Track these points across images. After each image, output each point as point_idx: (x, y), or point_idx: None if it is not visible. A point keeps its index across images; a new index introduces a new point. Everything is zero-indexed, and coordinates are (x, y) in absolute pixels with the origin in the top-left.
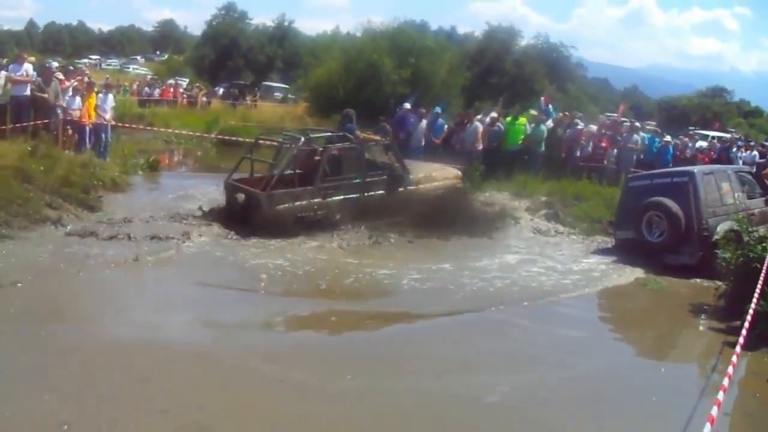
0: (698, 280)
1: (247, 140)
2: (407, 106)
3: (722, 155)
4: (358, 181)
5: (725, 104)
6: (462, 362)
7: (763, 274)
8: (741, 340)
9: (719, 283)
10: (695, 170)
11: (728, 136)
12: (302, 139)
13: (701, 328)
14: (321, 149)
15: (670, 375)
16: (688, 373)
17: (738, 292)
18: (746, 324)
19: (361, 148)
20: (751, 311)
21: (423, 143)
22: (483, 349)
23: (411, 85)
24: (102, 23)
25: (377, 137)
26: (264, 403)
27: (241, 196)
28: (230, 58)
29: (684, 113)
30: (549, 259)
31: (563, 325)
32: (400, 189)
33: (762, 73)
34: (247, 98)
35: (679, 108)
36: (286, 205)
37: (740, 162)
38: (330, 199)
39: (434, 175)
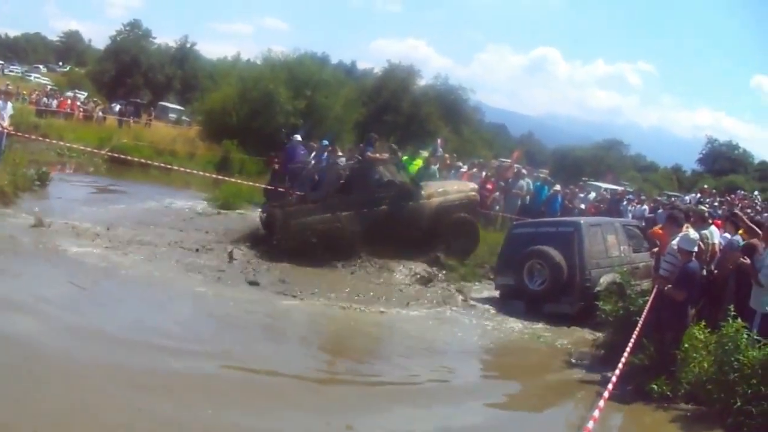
0: (578, 329)
1: (138, 159)
2: (298, 137)
3: (612, 207)
4: (364, 196)
5: (620, 157)
6: None
7: (638, 327)
8: (610, 386)
9: (598, 333)
10: (581, 221)
11: (620, 188)
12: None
13: (577, 378)
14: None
15: (541, 426)
16: (557, 423)
17: (617, 344)
18: (615, 375)
19: (368, 166)
20: (620, 364)
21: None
22: None
23: (305, 117)
24: (9, 28)
25: (384, 156)
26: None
27: (263, 215)
28: (130, 75)
29: (578, 163)
30: (428, 308)
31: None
32: (410, 203)
33: (660, 129)
34: (142, 117)
35: (573, 158)
36: (300, 220)
37: (630, 215)
38: (339, 214)
39: (448, 189)
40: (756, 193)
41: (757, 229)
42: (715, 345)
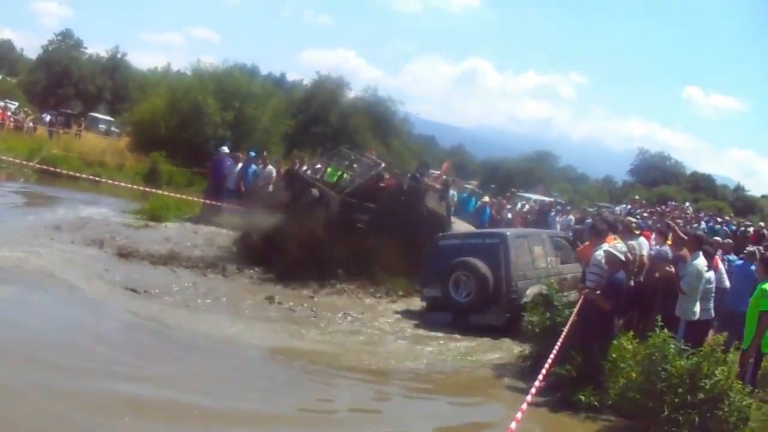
0: (505, 341)
1: (67, 172)
2: (225, 149)
3: (540, 218)
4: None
5: (551, 169)
6: None
7: (562, 337)
8: (528, 398)
9: (525, 345)
10: (507, 233)
11: (549, 199)
12: (382, 164)
13: (503, 389)
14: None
15: None
16: None
17: (543, 355)
18: (537, 381)
19: (422, 193)
20: (542, 372)
21: (236, 187)
22: None
23: (233, 129)
24: None
25: (439, 186)
26: None
27: (315, 192)
28: (61, 85)
29: (508, 175)
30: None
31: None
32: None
33: (592, 140)
34: (73, 128)
35: (503, 169)
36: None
37: (557, 226)
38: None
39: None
40: (687, 203)
41: (685, 238)
42: (643, 355)
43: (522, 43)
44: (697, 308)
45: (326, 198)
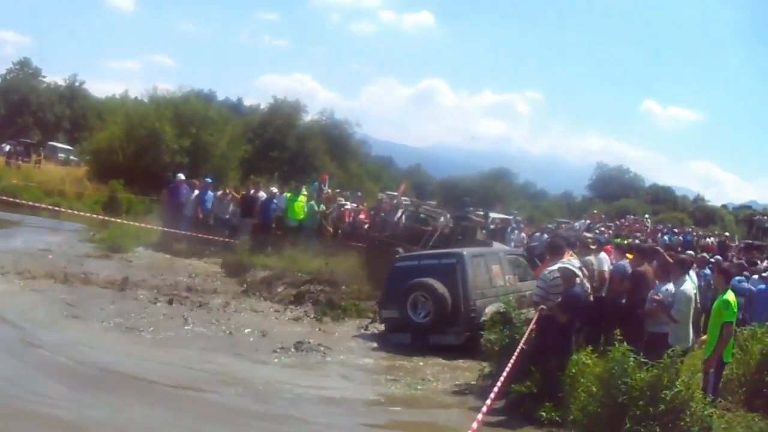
0: (465, 360)
1: (26, 202)
2: (181, 176)
3: (496, 236)
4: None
5: (509, 186)
6: None
7: (516, 355)
8: (480, 416)
9: (484, 363)
10: (464, 252)
11: (508, 217)
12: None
13: (463, 409)
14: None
15: None
16: None
17: (503, 373)
18: (486, 403)
19: (473, 227)
20: (493, 393)
21: (193, 214)
22: None
23: (190, 155)
24: None
25: (482, 220)
26: None
27: (400, 251)
28: (20, 114)
29: (467, 193)
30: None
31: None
32: None
33: (550, 157)
34: (32, 157)
35: (461, 188)
36: None
37: (512, 243)
38: None
39: None
40: (647, 216)
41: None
42: (603, 369)
43: (477, 62)
44: (691, 332)
45: None
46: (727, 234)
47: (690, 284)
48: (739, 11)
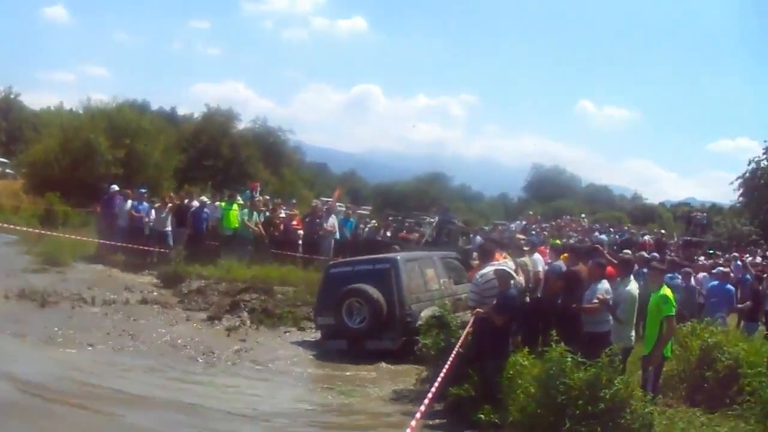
0: (400, 366)
1: None
2: (115, 187)
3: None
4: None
5: (445, 189)
6: None
7: (451, 358)
8: (414, 422)
9: (422, 368)
10: (398, 257)
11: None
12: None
13: (399, 416)
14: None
15: None
16: None
17: (438, 377)
18: (420, 409)
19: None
20: (430, 393)
21: (128, 224)
22: None
23: (125, 166)
24: None
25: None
26: None
27: (396, 248)
28: None
29: (402, 198)
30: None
31: None
32: None
33: (486, 159)
34: None
35: (397, 192)
36: None
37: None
38: None
39: None
40: (584, 216)
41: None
42: (541, 370)
43: (410, 66)
44: (633, 332)
45: None
46: (663, 231)
47: (635, 284)
48: (671, 10)
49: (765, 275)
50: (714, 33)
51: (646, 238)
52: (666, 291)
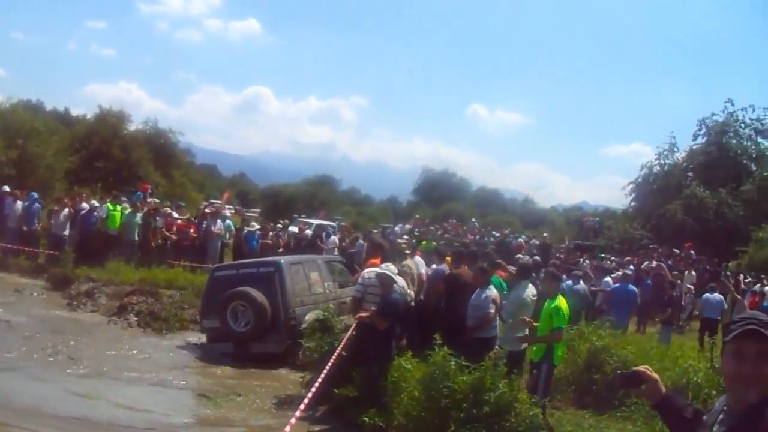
0: (284, 371)
1: None
2: (5, 188)
3: (313, 243)
4: None
5: (333, 192)
6: None
7: (332, 360)
8: (288, 427)
9: (305, 372)
10: (282, 260)
11: (333, 223)
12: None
13: (282, 420)
14: None
15: None
16: None
17: (325, 380)
18: (300, 409)
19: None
20: (309, 395)
21: (17, 226)
22: None
23: (17, 167)
24: None
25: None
26: None
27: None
28: None
29: (290, 200)
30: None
31: None
32: None
33: (375, 162)
34: None
35: (286, 195)
36: None
37: (326, 247)
38: None
39: None
40: (474, 220)
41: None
42: (424, 373)
43: (302, 68)
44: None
45: None
46: (545, 235)
47: (531, 290)
48: (565, 14)
49: (678, 282)
50: (609, 38)
51: (521, 240)
52: (560, 302)
